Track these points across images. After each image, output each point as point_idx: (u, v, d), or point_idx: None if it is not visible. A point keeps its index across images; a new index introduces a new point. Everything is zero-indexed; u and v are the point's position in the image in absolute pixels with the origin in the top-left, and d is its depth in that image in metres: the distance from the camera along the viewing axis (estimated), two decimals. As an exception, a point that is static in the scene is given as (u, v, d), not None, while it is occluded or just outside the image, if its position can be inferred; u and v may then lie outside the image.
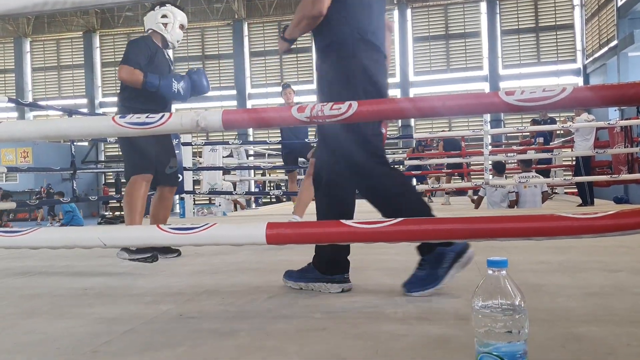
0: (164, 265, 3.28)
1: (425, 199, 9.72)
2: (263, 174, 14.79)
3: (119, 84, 3.54)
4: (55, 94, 28.77)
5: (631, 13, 20.22)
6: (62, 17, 27.34)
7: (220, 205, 10.67)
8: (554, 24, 25.26)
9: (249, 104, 27.15)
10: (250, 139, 24.49)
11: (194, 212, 9.45)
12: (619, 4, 21.22)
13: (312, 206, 3.56)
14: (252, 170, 12.92)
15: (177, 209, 16.34)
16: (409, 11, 25.72)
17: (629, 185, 15.68)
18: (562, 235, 1.40)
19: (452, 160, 10.57)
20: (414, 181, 14.70)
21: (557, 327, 1.73)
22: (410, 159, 11.56)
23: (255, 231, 1.57)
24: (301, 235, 1.58)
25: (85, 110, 25.84)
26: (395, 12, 25.80)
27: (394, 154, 16.39)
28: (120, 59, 3.42)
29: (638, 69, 18.89)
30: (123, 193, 3.68)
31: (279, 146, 8.23)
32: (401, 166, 12.17)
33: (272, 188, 16.61)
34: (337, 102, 1.67)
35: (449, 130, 18.17)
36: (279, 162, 9.37)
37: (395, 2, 25.68)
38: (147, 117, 1.64)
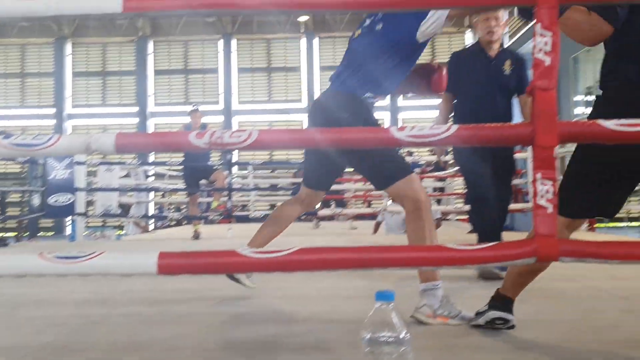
0: (47, 293, 3.09)
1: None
2: (163, 196, 14.37)
3: None
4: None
5: (517, 54, 21.86)
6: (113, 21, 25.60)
7: (125, 226, 10.23)
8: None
9: (151, 122, 26.50)
10: (151, 158, 23.92)
11: (85, 235, 8.98)
12: (505, 46, 22.88)
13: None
14: (152, 192, 12.50)
15: (68, 232, 15.45)
16: (316, 41, 26.31)
17: (515, 214, 16.70)
18: (447, 265, 1.47)
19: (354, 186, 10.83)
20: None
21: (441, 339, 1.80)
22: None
23: (146, 260, 1.52)
24: (195, 265, 1.55)
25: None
26: (303, 41, 26.35)
27: (277, 178, 16.22)
28: None
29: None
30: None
31: (181, 167, 8.04)
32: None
33: (172, 211, 16.15)
34: (239, 130, 1.67)
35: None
36: (180, 183, 9.15)
37: (302, 31, 26.22)
38: (33, 138, 1.56)
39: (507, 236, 2.99)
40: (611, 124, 1.45)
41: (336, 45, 26.43)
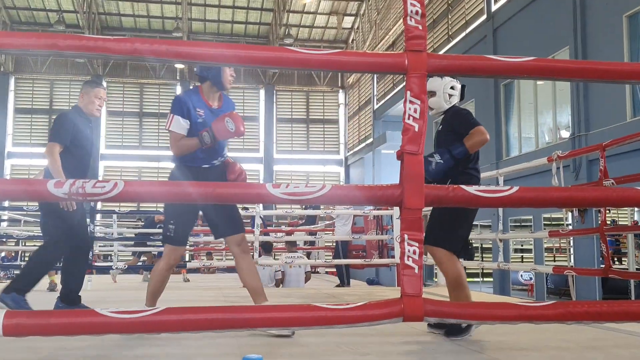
0: None
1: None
2: (17, 244, 13.16)
3: None
4: None
5: (384, 116, 23.26)
6: None
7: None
8: (322, 117, 27.79)
9: (9, 163, 24.50)
10: (5, 203, 21.97)
11: None
12: (375, 107, 24.27)
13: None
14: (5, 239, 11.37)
15: None
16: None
17: (380, 268, 17.28)
18: (318, 325, 1.46)
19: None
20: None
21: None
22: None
23: (-11, 320, 1.35)
24: (46, 326, 1.40)
25: None
26: (178, 88, 26.04)
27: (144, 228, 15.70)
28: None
29: (389, 164, 21.53)
30: None
31: (39, 213, 7.43)
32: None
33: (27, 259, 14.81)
34: (101, 180, 1.57)
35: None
36: (38, 231, 8.44)
37: (178, 77, 25.93)
38: None
39: (375, 291, 3.06)
40: (473, 190, 1.56)
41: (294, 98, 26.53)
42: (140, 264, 10.35)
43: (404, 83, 1.63)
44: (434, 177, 3.13)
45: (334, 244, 9.55)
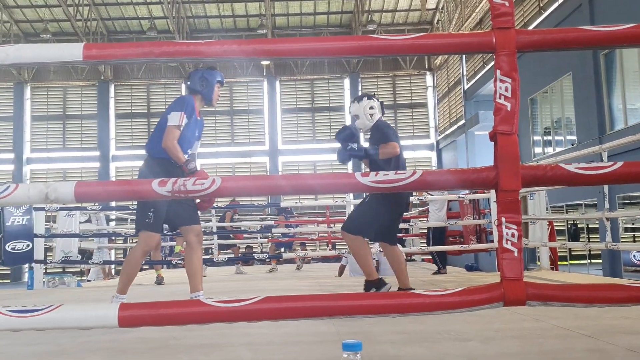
0: (4, 346, 2.94)
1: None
2: (125, 241, 14.05)
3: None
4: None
5: (476, 96, 22.55)
6: None
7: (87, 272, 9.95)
8: (410, 102, 27.39)
9: (113, 166, 26.16)
10: (112, 203, 23.46)
11: (44, 282, 8.67)
12: (466, 87, 23.62)
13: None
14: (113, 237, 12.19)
15: (26, 279, 14.89)
16: (277, 83, 26.64)
17: (479, 254, 16.84)
18: (416, 312, 1.46)
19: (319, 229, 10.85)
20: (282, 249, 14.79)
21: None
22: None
23: (106, 312, 1.46)
24: (158, 316, 1.50)
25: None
26: (265, 84, 26.65)
27: (262, 220, 16.38)
28: None
29: (483, 145, 20.89)
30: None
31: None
32: (269, 233, 12.16)
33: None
34: (201, 177, 1.65)
35: (314, 199, 18.82)
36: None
37: (264, 74, 26.54)
38: (-12, 188, 1.51)
39: (474, 277, 3.00)
40: (572, 168, 1.49)
41: (297, 88, 26.85)
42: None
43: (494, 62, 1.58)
44: (341, 161, 3.91)
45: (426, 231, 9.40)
